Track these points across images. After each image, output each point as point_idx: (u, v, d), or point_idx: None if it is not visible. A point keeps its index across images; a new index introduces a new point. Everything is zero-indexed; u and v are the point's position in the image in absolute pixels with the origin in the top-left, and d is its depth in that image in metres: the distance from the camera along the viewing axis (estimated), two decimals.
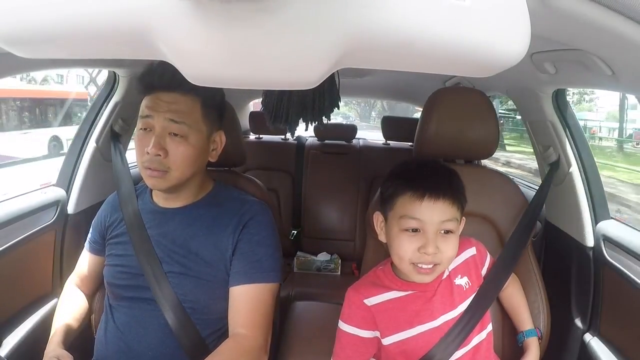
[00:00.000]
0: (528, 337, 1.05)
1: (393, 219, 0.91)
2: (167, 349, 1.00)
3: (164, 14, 0.31)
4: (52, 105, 11.11)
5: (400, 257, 0.89)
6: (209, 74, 0.34)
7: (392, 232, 0.91)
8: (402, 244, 0.88)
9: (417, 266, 0.88)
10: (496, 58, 0.34)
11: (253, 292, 1.01)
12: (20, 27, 0.33)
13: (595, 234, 1.32)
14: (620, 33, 0.63)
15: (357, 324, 0.94)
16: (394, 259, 0.93)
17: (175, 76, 0.91)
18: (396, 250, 0.89)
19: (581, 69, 0.97)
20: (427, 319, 0.94)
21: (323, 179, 2.53)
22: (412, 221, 0.87)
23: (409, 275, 0.92)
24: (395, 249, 0.90)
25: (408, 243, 0.87)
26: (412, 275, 0.91)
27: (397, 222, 0.89)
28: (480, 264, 1.05)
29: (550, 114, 1.39)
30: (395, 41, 0.31)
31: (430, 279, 0.91)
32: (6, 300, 1.20)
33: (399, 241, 0.89)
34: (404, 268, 0.90)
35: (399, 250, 0.89)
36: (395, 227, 0.90)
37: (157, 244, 1.05)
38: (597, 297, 1.29)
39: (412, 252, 0.87)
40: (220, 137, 1.10)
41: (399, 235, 0.89)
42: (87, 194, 1.49)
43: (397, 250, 0.89)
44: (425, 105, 1.27)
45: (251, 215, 1.07)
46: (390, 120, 2.82)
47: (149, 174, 0.99)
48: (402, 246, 0.88)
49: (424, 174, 0.92)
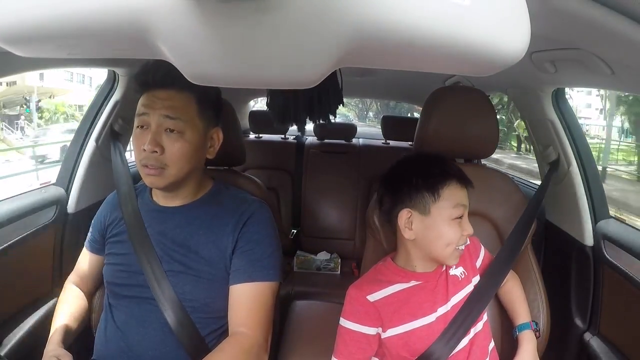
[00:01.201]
0: (520, 332, 1.05)
1: (441, 209, 0.93)
2: (167, 348, 1.00)
3: (164, 13, 0.31)
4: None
5: (449, 243, 0.93)
6: (209, 73, 0.34)
7: (438, 222, 0.93)
8: (454, 231, 0.93)
9: (457, 249, 0.94)
10: (496, 57, 0.34)
11: (253, 291, 1.01)
12: (20, 26, 0.33)
13: (595, 233, 1.32)
14: (619, 32, 0.63)
15: (360, 320, 0.94)
16: (436, 249, 0.94)
17: (170, 73, 0.92)
18: (447, 238, 0.93)
19: (581, 68, 0.97)
20: (429, 310, 0.95)
21: (323, 178, 2.53)
22: (462, 208, 0.94)
23: (448, 260, 0.95)
24: (444, 237, 0.93)
25: (457, 229, 0.93)
26: (451, 259, 0.95)
27: (448, 212, 0.93)
28: (474, 255, 1.07)
29: (550, 113, 1.40)
30: (396, 40, 0.31)
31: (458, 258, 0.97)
32: (6, 299, 1.20)
33: (449, 229, 0.93)
34: (448, 254, 0.94)
35: (452, 238, 0.93)
36: (445, 217, 0.93)
37: (157, 242, 1.05)
38: (597, 296, 1.29)
39: (459, 237, 0.93)
40: (217, 134, 1.10)
41: (450, 224, 0.93)
42: (87, 193, 1.49)
43: (449, 238, 0.93)
44: (425, 105, 1.27)
45: (251, 213, 1.07)
46: (390, 120, 2.82)
47: (147, 172, 0.99)
48: (455, 233, 0.93)
49: (443, 163, 0.98)
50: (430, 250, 0.95)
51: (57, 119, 20.51)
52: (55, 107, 20.94)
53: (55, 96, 21.20)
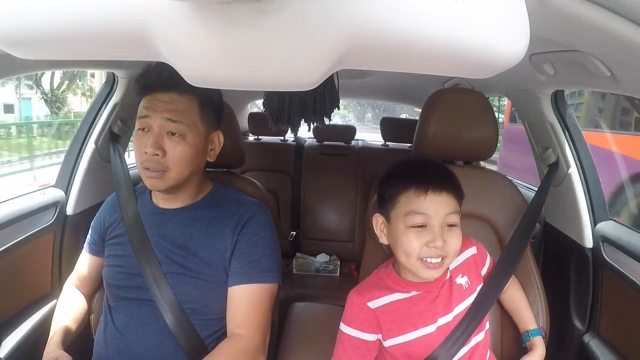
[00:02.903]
0: (534, 337, 1.04)
1: (397, 217, 0.90)
2: (166, 349, 1.00)
3: (163, 16, 0.31)
4: None
5: (408, 254, 0.88)
6: (207, 75, 0.34)
7: (397, 231, 0.90)
8: (410, 241, 0.88)
9: (425, 262, 0.88)
10: (495, 59, 0.34)
11: (251, 293, 1.01)
12: (20, 28, 0.33)
13: (595, 235, 1.32)
14: (619, 34, 0.63)
15: (360, 326, 0.94)
16: (400, 258, 0.92)
17: (172, 76, 0.92)
18: (404, 248, 0.89)
19: (580, 70, 0.97)
20: (430, 320, 0.93)
21: (322, 180, 2.53)
22: (418, 217, 0.87)
23: (418, 272, 0.91)
24: (402, 247, 0.89)
25: (416, 239, 0.87)
26: (420, 272, 0.90)
27: (402, 219, 0.89)
28: (480, 264, 1.05)
29: (549, 115, 1.40)
30: (394, 42, 0.31)
31: (438, 273, 0.91)
32: (5, 301, 1.20)
33: (406, 239, 0.88)
34: (412, 265, 0.90)
35: (408, 248, 0.88)
36: (400, 225, 0.89)
37: (156, 244, 1.05)
38: (596, 298, 1.29)
39: (420, 248, 0.87)
40: (218, 137, 1.10)
41: (405, 233, 0.88)
42: (86, 195, 1.49)
43: (405, 248, 0.88)
44: (424, 107, 1.27)
45: (250, 215, 1.07)
46: (389, 122, 2.82)
47: (148, 174, 1.00)
48: (411, 243, 0.88)
49: (423, 169, 0.93)
50: (400, 261, 0.93)
51: None
52: None
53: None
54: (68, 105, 18.13)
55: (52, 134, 11.12)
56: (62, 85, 17.25)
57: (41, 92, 16.51)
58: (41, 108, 17.27)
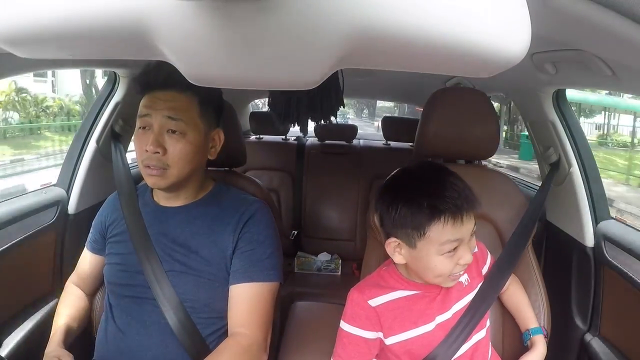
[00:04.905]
0: (535, 335, 1.04)
1: (428, 245, 0.85)
2: (167, 348, 1.00)
3: (164, 14, 0.31)
4: None
5: (439, 275, 0.88)
6: (209, 75, 0.34)
7: (427, 256, 0.87)
8: (443, 265, 0.86)
9: (452, 275, 0.89)
10: (496, 58, 0.34)
11: (252, 291, 1.02)
12: (21, 27, 0.33)
13: (596, 233, 1.32)
14: (620, 33, 0.63)
15: (361, 324, 0.94)
16: (425, 276, 0.91)
17: (172, 74, 0.92)
18: (436, 271, 0.87)
19: (581, 69, 0.97)
20: (431, 318, 0.94)
21: (323, 179, 2.53)
22: (454, 243, 0.85)
23: (441, 284, 0.92)
24: (433, 270, 0.87)
25: (449, 262, 0.86)
26: (444, 284, 0.92)
27: (436, 248, 0.85)
28: (481, 262, 1.06)
29: (551, 114, 1.39)
30: (396, 41, 0.31)
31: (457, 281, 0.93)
32: (6, 300, 1.20)
33: (439, 263, 0.86)
34: (440, 281, 0.91)
35: (441, 271, 0.87)
36: (432, 252, 0.86)
37: (158, 242, 1.05)
38: (598, 297, 1.29)
39: (452, 268, 0.87)
40: (219, 135, 1.10)
41: (438, 259, 0.86)
42: (88, 194, 1.49)
43: (438, 271, 0.87)
44: (426, 106, 1.27)
45: (251, 214, 1.07)
46: (390, 121, 2.82)
47: (149, 173, 1.00)
48: (445, 267, 0.86)
49: (442, 187, 0.85)
50: (422, 277, 0.93)
51: None
52: None
53: None
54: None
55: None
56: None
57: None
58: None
